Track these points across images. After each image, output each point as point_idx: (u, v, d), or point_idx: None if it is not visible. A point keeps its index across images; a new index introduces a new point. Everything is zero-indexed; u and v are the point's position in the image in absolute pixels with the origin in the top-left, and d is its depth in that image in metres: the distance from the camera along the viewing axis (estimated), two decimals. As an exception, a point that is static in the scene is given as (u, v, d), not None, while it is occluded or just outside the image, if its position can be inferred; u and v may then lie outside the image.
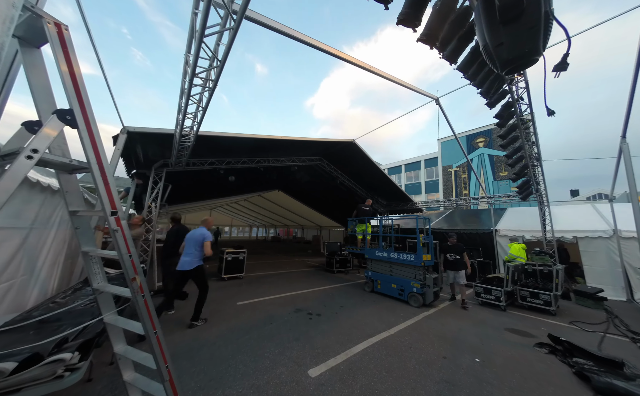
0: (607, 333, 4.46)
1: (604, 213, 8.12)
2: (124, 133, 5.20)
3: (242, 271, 7.69)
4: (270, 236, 31.15)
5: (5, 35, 1.08)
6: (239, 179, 9.53)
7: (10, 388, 1.52)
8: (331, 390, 2.60)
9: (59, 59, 1.37)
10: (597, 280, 7.14)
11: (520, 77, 4.62)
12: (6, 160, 1.37)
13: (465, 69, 3.44)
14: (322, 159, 10.40)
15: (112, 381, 2.56)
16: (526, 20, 1.54)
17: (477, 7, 1.71)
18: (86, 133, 1.45)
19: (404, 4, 2.41)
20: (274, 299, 5.73)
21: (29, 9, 1.32)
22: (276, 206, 18.78)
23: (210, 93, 3.64)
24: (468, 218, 11.76)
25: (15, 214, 2.79)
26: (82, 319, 2.38)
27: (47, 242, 3.44)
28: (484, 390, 2.71)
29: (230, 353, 3.24)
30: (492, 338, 4.06)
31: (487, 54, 1.82)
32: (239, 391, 2.53)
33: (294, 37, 3.26)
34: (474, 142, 21.21)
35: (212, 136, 6.43)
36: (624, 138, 4.55)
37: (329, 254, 10.17)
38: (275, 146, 8.26)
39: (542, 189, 7.78)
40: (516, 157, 6.19)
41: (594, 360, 3.26)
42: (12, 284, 2.78)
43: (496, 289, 5.78)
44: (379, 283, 6.58)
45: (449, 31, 2.71)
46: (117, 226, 1.56)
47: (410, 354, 3.40)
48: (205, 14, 2.39)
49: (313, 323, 4.35)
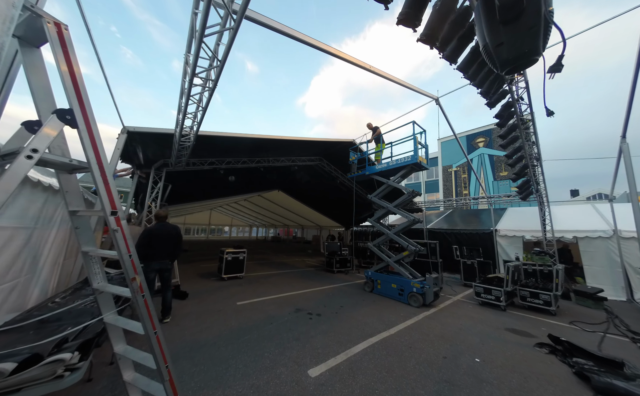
0: (607, 333, 4.46)
1: (604, 213, 8.12)
2: (124, 133, 5.21)
3: (242, 271, 7.69)
4: (270, 236, 31.16)
5: (5, 35, 1.08)
6: (239, 179, 9.54)
7: (10, 388, 1.52)
8: (331, 390, 2.60)
9: (59, 58, 1.37)
10: (597, 280, 7.14)
11: (520, 77, 4.63)
12: (6, 160, 1.37)
13: (465, 69, 3.45)
14: (322, 159, 10.41)
15: (112, 381, 2.56)
16: (526, 21, 1.54)
17: (477, 7, 1.71)
18: (86, 133, 1.45)
19: (404, 4, 2.41)
20: (274, 299, 5.73)
21: (29, 8, 1.32)
22: (276, 206, 18.78)
23: (210, 93, 3.64)
24: (468, 217, 11.76)
25: (19, 214, 2.79)
26: (82, 319, 2.38)
27: (49, 242, 3.44)
28: (484, 390, 2.71)
29: (230, 353, 3.24)
30: (492, 338, 4.06)
31: (487, 54, 1.83)
32: (239, 391, 2.53)
33: (295, 37, 3.26)
34: (474, 142, 21.20)
35: (212, 135, 6.44)
36: (624, 138, 4.55)
37: (329, 254, 10.16)
38: (275, 146, 8.27)
39: (542, 189, 7.79)
40: (516, 157, 6.19)
41: (594, 360, 3.26)
42: (16, 283, 2.79)
43: (496, 289, 5.77)
44: (379, 283, 6.58)
45: (449, 31, 2.72)
46: (117, 225, 1.56)
47: (410, 354, 3.40)
48: (205, 14, 2.39)
49: (313, 323, 4.35)
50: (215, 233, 27.65)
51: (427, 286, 5.59)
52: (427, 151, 6.77)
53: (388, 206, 6.91)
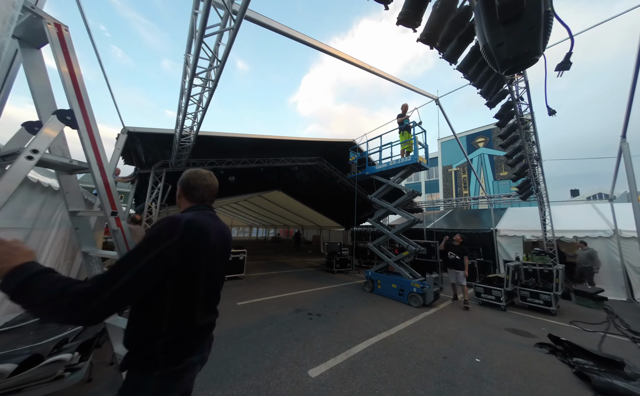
0: (607, 333, 4.46)
1: (604, 213, 8.13)
2: (125, 133, 5.21)
3: (242, 271, 7.69)
4: (271, 236, 31.16)
5: (5, 35, 1.07)
6: (239, 179, 9.54)
7: (11, 388, 1.52)
8: (331, 390, 2.60)
9: (59, 59, 1.37)
10: (598, 280, 7.14)
11: (520, 77, 4.63)
12: (6, 161, 1.37)
13: (465, 69, 3.44)
14: (322, 159, 10.40)
15: (113, 381, 2.56)
16: (526, 20, 1.54)
17: (477, 7, 1.71)
18: (86, 133, 1.45)
19: (404, 4, 2.41)
20: (274, 299, 5.73)
21: (29, 9, 1.32)
22: (276, 206, 18.78)
23: (210, 93, 3.65)
24: (468, 218, 11.76)
25: (16, 214, 2.79)
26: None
27: (48, 242, 3.44)
28: (484, 390, 2.71)
29: (231, 353, 3.24)
30: (492, 338, 4.06)
31: (487, 54, 1.82)
32: (239, 391, 2.52)
33: (295, 37, 3.26)
34: (474, 142, 21.21)
35: (212, 136, 6.44)
36: (624, 138, 4.55)
37: (329, 254, 10.16)
38: (275, 146, 8.27)
39: (542, 189, 7.79)
40: (516, 157, 6.19)
41: (594, 360, 3.25)
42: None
43: (496, 289, 5.77)
44: (379, 283, 6.58)
45: (449, 31, 2.71)
46: (117, 226, 1.57)
47: (411, 354, 3.40)
48: (205, 14, 2.39)
49: (313, 324, 4.35)
50: (216, 233, 27.56)
51: (427, 286, 5.59)
52: (427, 151, 6.77)
53: (388, 206, 6.91)
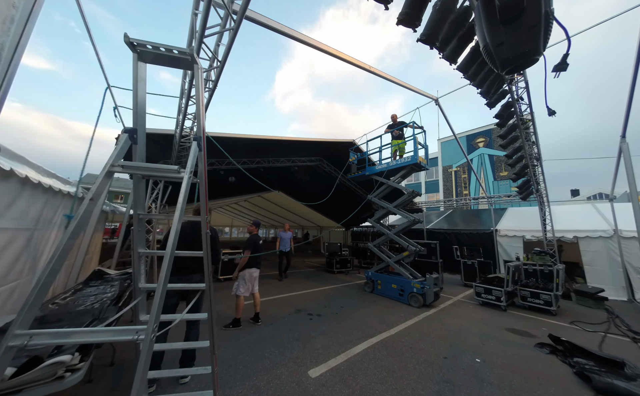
0: (608, 333, 4.45)
1: (605, 213, 8.12)
2: (125, 134, 5.20)
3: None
4: (271, 236, 31.15)
5: (5, 35, 1.07)
6: (239, 179, 9.53)
7: (10, 390, 1.52)
8: (331, 390, 2.60)
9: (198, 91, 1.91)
10: (598, 280, 7.13)
11: (520, 77, 4.63)
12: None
13: (465, 69, 3.44)
14: (322, 159, 10.39)
15: (113, 381, 2.56)
16: (526, 20, 1.54)
17: (477, 7, 1.71)
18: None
19: (404, 4, 2.41)
20: (274, 299, 5.72)
21: (189, 54, 1.83)
22: (276, 207, 18.78)
23: (211, 94, 3.64)
24: (468, 218, 11.76)
25: (20, 214, 2.79)
26: (83, 319, 2.38)
27: (49, 243, 3.43)
28: (485, 390, 2.71)
29: (230, 353, 3.24)
30: (492, 338, 4.05)
31: (487, 54, 1.82)
32: (240, 391, 2.52)
33: (295, 37, 3.26)
34: (474, 142, 21.21)
35: (212, 136, 6.43)
36: (623, 138, 4.54)
37: (329, 254, 10.16)
38: (275, 146, 8.26)
39: (542, 189, 7.78)
40: (516, 157, 6.19)
41: (595, 360, 3.25)
42: (17, 284, 2.78)
43: (496, 289, 5.77)
44: (379, 283, 6.58)
45: (449, 31, 2.71)
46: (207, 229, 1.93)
47: (411, 354, 3.40)
48: (205, 15, 2.39)
49: (313, 324, 4.34)
50: (216, 234, 27.60)
51: (428, 286, 5.58)
52: (427, 151, 6.77)
53: (388, 207, 6.91)
